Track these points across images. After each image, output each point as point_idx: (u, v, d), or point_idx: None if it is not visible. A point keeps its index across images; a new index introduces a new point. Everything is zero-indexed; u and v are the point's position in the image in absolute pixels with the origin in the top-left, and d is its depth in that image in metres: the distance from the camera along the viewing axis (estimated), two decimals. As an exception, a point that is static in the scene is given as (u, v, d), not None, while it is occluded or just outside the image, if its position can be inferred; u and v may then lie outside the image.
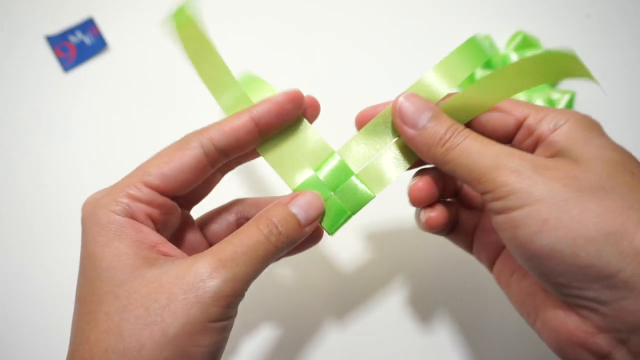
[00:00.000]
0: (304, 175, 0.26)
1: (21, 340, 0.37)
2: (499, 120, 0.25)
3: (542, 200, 0.20)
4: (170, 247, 0.24)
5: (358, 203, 0.26)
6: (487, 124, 0.25)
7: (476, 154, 0.22)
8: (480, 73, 0.41)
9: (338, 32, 0.45)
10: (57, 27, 0.45)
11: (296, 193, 0.25)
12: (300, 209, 0.24)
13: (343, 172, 0.26)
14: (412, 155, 0.26)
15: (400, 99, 0.25)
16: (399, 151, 0.26)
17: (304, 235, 0.25)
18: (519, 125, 0.25)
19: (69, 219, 0.40)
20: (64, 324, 0.37)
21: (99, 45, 0.44)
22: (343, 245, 0.38)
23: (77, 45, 0.44)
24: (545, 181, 0.21)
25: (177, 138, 0.26)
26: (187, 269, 0.22)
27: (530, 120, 0.25)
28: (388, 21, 0.45)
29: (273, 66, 0.44)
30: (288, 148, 0.26)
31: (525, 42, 0.42)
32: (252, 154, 0.27)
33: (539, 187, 0.21)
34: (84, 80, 0.44)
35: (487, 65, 0.41)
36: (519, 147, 0.25)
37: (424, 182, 0.26)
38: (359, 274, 0.37)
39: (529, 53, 0.42)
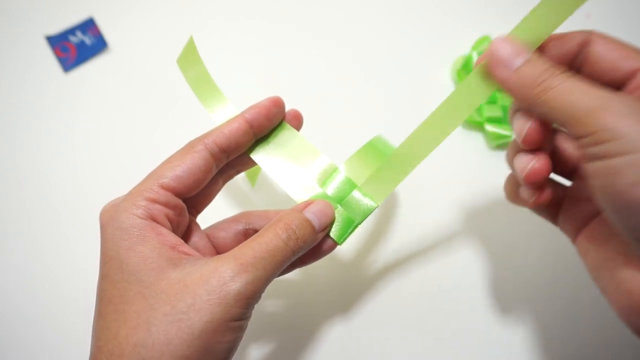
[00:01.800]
0: (311, 191, 0.28)
1: (21, 340, 0.37)
2: (611, 64, 0.24)
3: None
4: (188, 248, 0.25)
5: (363, 213, 0.28)
6: (598, 64, 0.25)
7: (580, 92, 0.21)
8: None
9: (327, 36, 0.45)
10: (57, 27, 0.45)
11: (309, 201, 0.27)
12: (314, 216, 0.26)
13: (347, 185, 0.28)
14: (409, 167, 0.27)
15: (495, 40, 0.25)
16: (398, 162, 0.28)
17: (317, 241, 0.27)
18: (632, 75, 0.24)
19: (69, 218, 0.40)
20: (63, 324, 0.37)
21: (99, 45, 0.44)
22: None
23: (78, 46, 0.44)
24: None
25: (178, 138, 0.27)
26: (211, 271, 0.23)
27: None
28: (386, 21, 0.45)
29: (255, 69, 0.44)
30: (293, 166, 0.29)
31: (525, 42, 0.42)
32: (249, 163, 0.30)
33: None
34: (84, 80, 0.44)
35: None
36: None
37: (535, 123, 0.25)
38: (358, 263, 0.38)
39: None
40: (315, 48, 0.44)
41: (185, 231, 0.28)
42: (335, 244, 0.28)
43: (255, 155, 0.29)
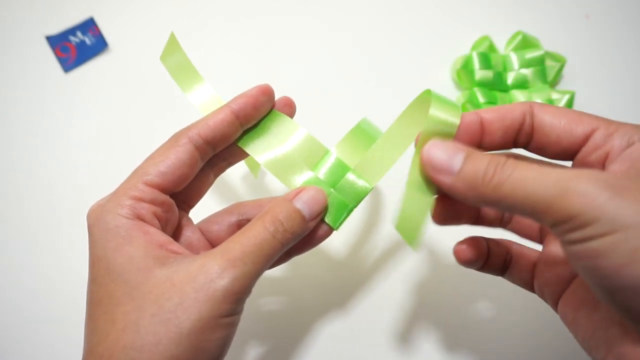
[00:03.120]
0: (303, 176, 0.27)
1: (21, 340, 0.37)
2: (564, 130, 0.23)
3: (630, 226, 0.17)
4: (177, 246, 0.25)
5: (358, 196, 0.27)
6: (551, 133, 0.23)
7: (534, 182, 0.19)
8: (480, 74, 0.41)
9: (319, 30, 0.45)
10: (57, 27, 0.45)
11: (300, 189, 0.26)
12: (304, 205, 0.25)
13: (340, 168, 0.27)
14: (402, 146, 0.26)
15: (426, 148, 0.23)
16: (390, 143, 0.27)
17: (308, 230, 0.26)
18: (587, 138, 0.23)
19: (68, 219, 0.40)
20: (63, 324, 0.37)
21: (99, 45, 0.44)
22: (335, 235, 0.38)
23: (78, 46, 0.44)
24: (630, 204, 0.18)
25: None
26: (198, 268, 0.23)
27: (600, 134, 0.23)
28: (386, 21, 0.45)
29: (255, 68, 0.44)
30: (284, 152, 0.28)
31: (525, 42, 0.42)
32: (240, 155, 0.29)
33: (624, 211, 0.18)
34: (84, 80, 0.44)
35: (487, 66, 0.41)
36: (585, 161, 0.23)
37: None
38: (353, 260, 0.38)
39: (529, 54, 0.42)
40: (314, 48, 0.44)
41: (177, 227, 0.27)
42: (331, 229, 0.27)
43: (245, 145, 0.28)
